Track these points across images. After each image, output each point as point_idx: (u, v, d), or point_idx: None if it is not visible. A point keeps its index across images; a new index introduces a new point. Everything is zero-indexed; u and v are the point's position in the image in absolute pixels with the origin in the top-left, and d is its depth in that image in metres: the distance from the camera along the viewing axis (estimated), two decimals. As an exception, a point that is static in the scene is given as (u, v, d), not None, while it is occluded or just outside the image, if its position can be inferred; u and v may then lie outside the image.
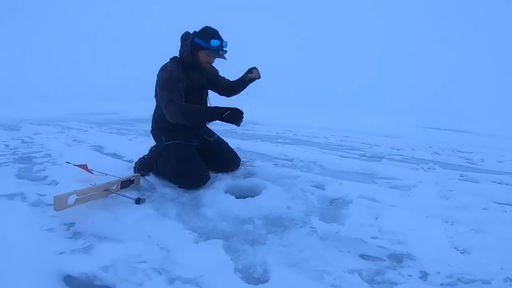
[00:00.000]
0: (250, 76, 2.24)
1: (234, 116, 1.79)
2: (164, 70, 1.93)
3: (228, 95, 2.36)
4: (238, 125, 1.84)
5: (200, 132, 2.26)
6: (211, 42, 1.90)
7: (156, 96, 2.02)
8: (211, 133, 2.36)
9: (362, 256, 1.26)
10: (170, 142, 2.04)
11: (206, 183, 1.95)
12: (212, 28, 1.97)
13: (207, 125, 2.37)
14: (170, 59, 2.04)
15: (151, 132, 2.19)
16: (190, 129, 2.13)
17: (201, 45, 1.92)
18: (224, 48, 1.95)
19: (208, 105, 2.21)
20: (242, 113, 1.81)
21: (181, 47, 2.01)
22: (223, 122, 1.83)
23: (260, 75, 2.25)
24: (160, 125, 2.09)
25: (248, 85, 2.30)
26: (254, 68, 2.25)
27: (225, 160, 2.27)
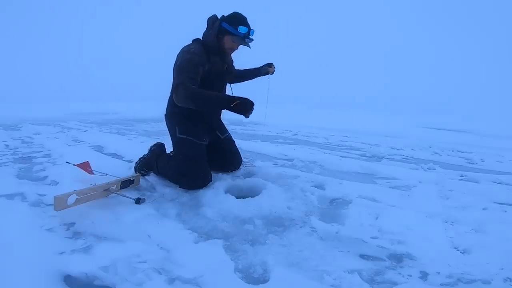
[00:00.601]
0: (269, 69, 2.38)
1: (243, 106, 1.70)
2: (186, 51, 1.87)
3: (232, 83, 2.38)
4: (247, 116, 1.76)
5: (214, 124, 2.24)
6: (238, 29, 1.86)
7: (173, 77, 1.97)
8: (223, 129, 2.34)
9: (362, 256, 1.26)
10: (183, 136, 2.01)
11: (207, 185, 1.95)
12: (241, 15, 1.93)
13: (221, 119, 2.36)
14: (193, 41, 2.00)
15: (165, 115, 2.14)
16: (204, 116, 2.07)
17: (228, 30, 1.88)
18: (250, 36, 1.91)
19: (230, 92, 2.19)
20: (253, 104, 1.73)
21: (206, 29, 1.97)
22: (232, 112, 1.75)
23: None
24: (175, 110, 2.03)
25: (258, 77, 2.44)
26: (272, 64, 2.40)
27: (230, 160, 2.28)
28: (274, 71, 2.41)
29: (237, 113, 1.74)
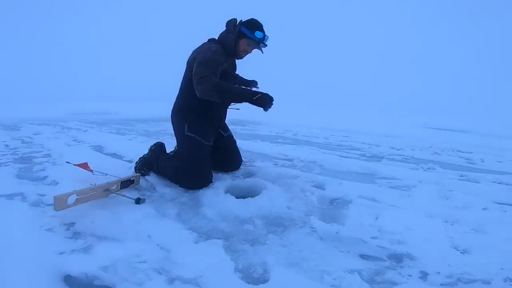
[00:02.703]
0: (255, 87, 2.56)
1: (264, 100, 1.78)
2: (208, 49, 1.92)
3: None
4: (266, 110, 1.83)
5: (221, 123, 2.26)
6: (255, 34, 1.95)
7: (184, 75, 2.03)
8: (226, 128, 2.36)
9: (362, 256, 1.26)
10: (191, 134, 2.01)
11: (207, 185, 1.95)
12: (258, 21, 2.02)
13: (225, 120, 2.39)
14: (209, 41, 2.06)
15: (172, 114, 2.15)
16: (214, 114, 2.10)
17: (245, 34, 1.96)
18: (265, 42, 2.00)
19: None
20: (273, 99, 1.81)
21: (225, 31, 2.03)
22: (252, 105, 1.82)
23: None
24: (184, 106, 2.06)
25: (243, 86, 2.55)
26: (257, 83, 2.59)
27: (231, 159, 2.29)
28: (253, 88, 2.59)
29: (258, 106, 1.80)
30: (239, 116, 1.80)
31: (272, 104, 1.83)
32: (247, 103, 1.82)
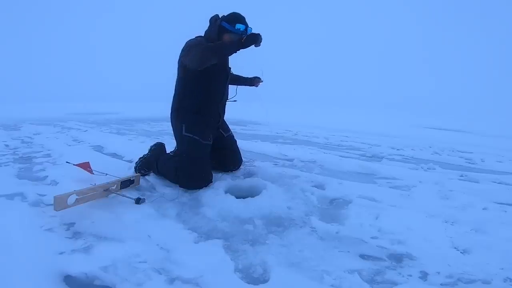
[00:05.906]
0: (259, 82, 2.54)
1: (252, 37, 1.80)
2: (193, 40, 1.96)
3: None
4: (259, 45, 1.84)
5: (220, 122, 2.26)
6: (236, 26, 1.95)
7: (178, 74, 2.05)
8: (226, 128, 2.36)
9: (362, 256, 1.26)
10: (189, 134, 2.02)
11: (207, 185, 1.95)
12: (239, 14, 2.02)
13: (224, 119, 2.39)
14: (196, 37, 2.07)
15: (172, 112, 2.15)
16: (211, 112, 2.11)
17: (226, 28, 1.96)
18: (247, 34, 1.97)
19: (235, 89, 2.32)
20: (259, 35, 1.82)
21: (208, 28, 2.04)
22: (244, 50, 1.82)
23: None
24: (179, 106, 2.07)
25: (246, 85, 2.54)
26: (260, 78, 2.56)
27: (231, 159, 2.29)
28: (258, 84, 2.56)
29: (248, 46, 1.81)
30: (239, 116, 1.79)
31: (261, 38, 1.83)
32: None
